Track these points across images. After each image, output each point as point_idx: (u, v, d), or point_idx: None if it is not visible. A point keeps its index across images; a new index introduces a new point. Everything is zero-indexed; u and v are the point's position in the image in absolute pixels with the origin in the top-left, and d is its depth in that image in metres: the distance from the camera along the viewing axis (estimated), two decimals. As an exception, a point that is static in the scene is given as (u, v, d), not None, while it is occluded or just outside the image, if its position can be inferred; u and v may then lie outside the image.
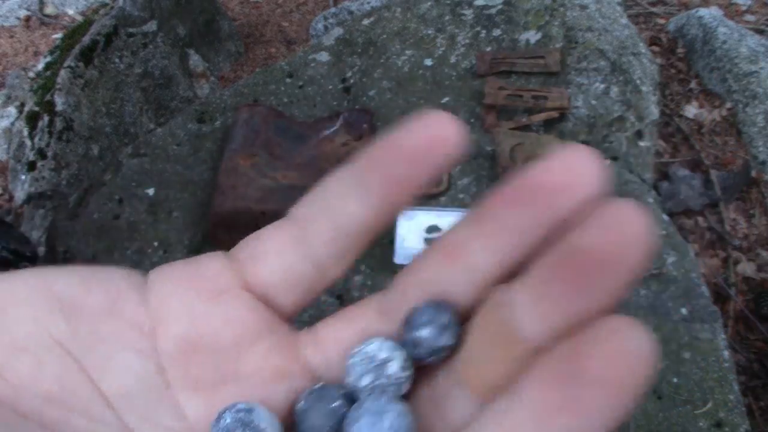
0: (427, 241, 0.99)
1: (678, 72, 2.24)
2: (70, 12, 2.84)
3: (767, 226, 1.83)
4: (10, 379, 0.24)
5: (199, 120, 1.21)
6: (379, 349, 0.23)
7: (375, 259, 1.00)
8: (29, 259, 0.78)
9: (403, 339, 0.23)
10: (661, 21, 2.45)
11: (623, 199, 0.22)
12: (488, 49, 1.26)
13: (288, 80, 1.28)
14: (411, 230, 1.00)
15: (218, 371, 0.25)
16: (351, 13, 2.35)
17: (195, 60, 2.43)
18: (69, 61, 1.96)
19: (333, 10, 2.43)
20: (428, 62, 1.27)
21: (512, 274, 0.22)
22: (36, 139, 2.06)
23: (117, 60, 2.10)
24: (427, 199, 1.07)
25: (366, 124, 1.14)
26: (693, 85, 2.18)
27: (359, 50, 1.32)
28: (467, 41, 1.29)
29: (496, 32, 1.29)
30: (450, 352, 0.23)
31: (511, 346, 0.21)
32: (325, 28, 2.41)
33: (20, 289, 0.26)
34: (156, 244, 1.04)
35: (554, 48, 1.22)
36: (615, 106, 1.16)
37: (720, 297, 1.69)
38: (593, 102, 1.16)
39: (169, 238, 1.05)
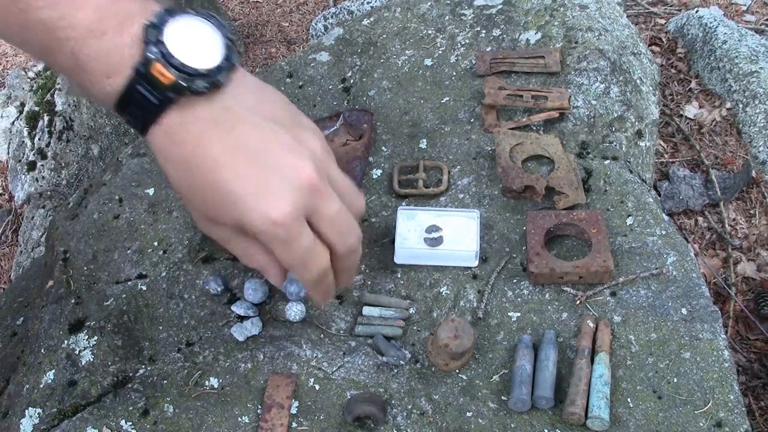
0: (427, 240, 0.99)
1: (678, 72, 2.24)
2: (70, 12, 2.83)
3: (767, 226, 1.83)
4: None
5: (199, 120, 1.21)
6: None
7: (375, 259, 1.00)
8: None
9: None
10: (661, 21, 2.45)
11: None
12: (488, 49, 1.26)
13: (288, 80, 1.28)
14: (411, 230, 1.00)
15: None
16: (351, 13, 2.35)
17: (195, 60, 2.43)
18: (69, 61, 1.95)
19: (333, 10, 2.43)
20: (428, 62, 1.27)
21: None
22: (36, 139, 2.06)
23: (117, 60, 2.10)
24: (428, 199, 1.07)
25: (366, 124, 1.14)
26: (693, 85, 2.18)
27: (359, 50, 1.32)
28: (467, 41, 1.29)
29: (496, 32, 1.29)
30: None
31: None
32: (325, 28, 2.41)
33: None
34: (156, 244, 1.04)
35: (554, 48, 1.23)
36: (615, 106, 1.16)
37: (720, 297, 1.69)
38: (593, 102, 1.16)
39: (169, 238, 1.05)
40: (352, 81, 1.27)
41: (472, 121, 1.16)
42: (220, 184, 0.67)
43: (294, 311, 0.94)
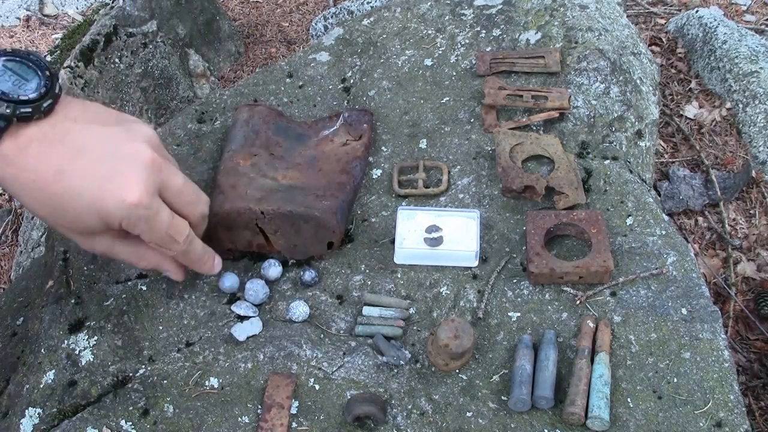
0: (427, 240, 0.99)
1: (678, 72, 2.24)
2: (70, 12, 2.84)
3: (767, 226, 1.83)
4: None
5: (199, 120, 1.21)
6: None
7: (375, 260, 1.00)
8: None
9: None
10: (661, 21, 2.45)
11: None
12: (488, 49, 1.26)
13: (288, 80, 1.28)
14: (411, 230, 1.00)
15: None
16: (351, 13, 2.35)
17: (195, 60, 2.43)
18: (69, 61, 1.96)
19: (333, 10, 2.43)
20: (428, 62, 1.27)
21: None
22: (36, 139, 2.06)
23: (117, 60, 2.10)
24: (428, 199, 1.07)
25: (366, 124, 1.14)
26: (693, 85, 2.18)
27: (359, 50, 1.32)
28: (467, 41, 1.29)
29: (496, 32, 1.29)
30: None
31: None
32: (325, 28, 2.41)
33: None
34: (156, 244, 1.04)
35: (554, 48, 1.23)
36: (615, 106, 1.16)
37: (720, 297, 1.69)
38: (593, 102, 1.16)
39: (169, 238, 1.05)
40: (352, 81, 1.26)
41: (472, 121, 1.16)
42: (71, 189, 0.72)
43: (298, 312, 0.94)
